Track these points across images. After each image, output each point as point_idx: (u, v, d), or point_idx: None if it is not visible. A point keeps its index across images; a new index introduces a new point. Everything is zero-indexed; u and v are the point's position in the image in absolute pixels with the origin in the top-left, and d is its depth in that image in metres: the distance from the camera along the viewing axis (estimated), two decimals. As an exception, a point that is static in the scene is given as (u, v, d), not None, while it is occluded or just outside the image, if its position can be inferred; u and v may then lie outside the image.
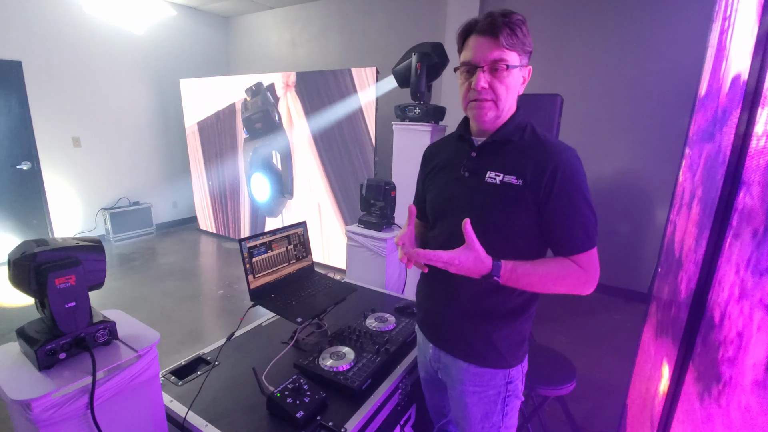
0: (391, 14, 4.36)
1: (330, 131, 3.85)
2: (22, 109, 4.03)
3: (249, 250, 1.40)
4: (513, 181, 0.92)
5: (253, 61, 5.75)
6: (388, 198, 1.96)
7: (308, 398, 1.03)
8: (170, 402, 1.08)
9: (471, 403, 1.05)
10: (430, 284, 1.10)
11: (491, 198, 0.94)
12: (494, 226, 0.93)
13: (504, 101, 0.92)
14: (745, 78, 0.73)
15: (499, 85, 0.90)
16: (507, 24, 0.86)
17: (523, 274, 0.88)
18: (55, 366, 0.79)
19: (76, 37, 4.33)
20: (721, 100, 1.05)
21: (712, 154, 1.02)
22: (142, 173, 5.18)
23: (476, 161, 0.99)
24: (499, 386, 1.03)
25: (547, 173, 0.89)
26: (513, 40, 0.87)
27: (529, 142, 0.95)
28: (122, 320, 0.93)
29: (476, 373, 1.03)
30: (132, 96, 4.94)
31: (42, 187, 4.26)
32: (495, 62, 0.88)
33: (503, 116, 0.96)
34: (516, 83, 0.92)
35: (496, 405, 1.04)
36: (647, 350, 1.53)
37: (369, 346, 1.28)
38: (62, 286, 0.78)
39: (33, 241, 0.80)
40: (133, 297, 3.50)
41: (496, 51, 0.88)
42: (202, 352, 1.32)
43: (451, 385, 1.09)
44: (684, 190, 1.51)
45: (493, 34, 0.87)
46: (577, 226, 0.90)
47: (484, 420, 1.05)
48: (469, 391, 1.04)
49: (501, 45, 0.87)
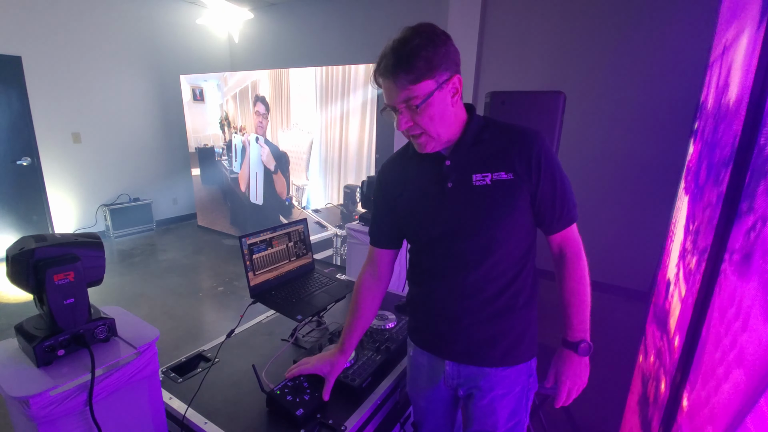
0: (392, 11, 4.34)
1: (333, 129, 3.84)
2: (21, 104, 4.02)
3: (249, 247, 1.39)
4: (504, 177, 0.91)
5: (254, 58, 5.73)
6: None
7: (308, 396, 1.03)
8: (170, 399, 1.07)
9: (500, 407, 1.02)
10: (432, 303, 1.04)
11: (487, 199, 0.91)
12: (498, 225, 0.92)
13: (434, 129, 0.89)
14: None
15: (422, 119, 0.87)
16: (399, 62, 0.82)
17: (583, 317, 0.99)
18: (54, 362, 0.78)
19: (76, 32, 4.31)
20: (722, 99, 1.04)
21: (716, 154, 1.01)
22: (142, 169, 5.17)
23: (454, 168, 0.94)
24: (523, 382, 1.03)
25: (533, 159, 0.90)
26: (414, 74, 0.82)
27: (500, 136, 0.94)
28: (121, 317, 0.93)
29: (505, 375, 1.01)
30: (132, 92, 4.93)
31: (42, 183, 4.25)
32: (406, 101, 0.85)
33: (448, 135, 0.92)
34: (441, 106, 0.88)
35: (521, 401, 1.05)
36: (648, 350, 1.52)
37: (369, 344, 1.28)
38: (61, 283, 0.77)
39: (31, 237, 0.79)
40: (133, 293, 3.50)
41: (403, 92, 0.84)
42: (202, 349, 1.31)
43: (479, 396, 1.03)
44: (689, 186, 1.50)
45: (392, 76, 0.84)
46: (567, 200, 0.95)
47: (510, 419, 1.04)
48: (499, 396, 1.02)
49: (402, 85, 0.84)
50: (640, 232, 3.42)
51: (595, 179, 3.49)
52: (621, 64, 3.28)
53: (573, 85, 3.39)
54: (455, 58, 0.87)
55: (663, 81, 3.13)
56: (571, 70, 3.48)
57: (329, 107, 3.80)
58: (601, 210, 3.54)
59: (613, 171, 3.47)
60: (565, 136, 2.51)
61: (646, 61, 3.17)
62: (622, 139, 3.39)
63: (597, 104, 3.43)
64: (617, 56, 3.28)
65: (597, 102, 3.43)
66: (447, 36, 0.87)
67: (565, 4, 3.41)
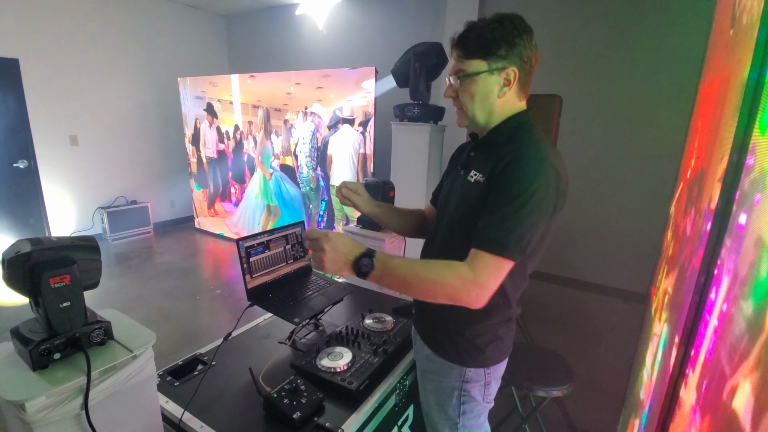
0: (391, 14, 4.36)
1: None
2: (19, 107, 4.01)
3: (246, 249, 1.39)
4: (479, 179, 0.94)
5: (252, 60, 5.74)
6: (387, 197, 1.95)
7: (305, 399, 1.02)
8: (166, 403, 1.07)
9: (429, 389, 1.11)
10: None
11: (468, 196, 0.97)
12: (468, 223, 0.93)
13: (470, 108, 0.95)
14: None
15: (462, 94, 0.95)
16: (461, 36, 0.91)
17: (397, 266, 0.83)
18: (50, 366, 0.78)
19: (73, 35, 4.31)
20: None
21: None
22: (139, 172, 5.16)
23: (470, 160, 1.03)
24: (453, 381, 1.04)
25: (498, 168, 0.88)
26: (468, 49, 0.90)
27: (509, 144, 0.93)
28: (118, 320, 0.92)
29: (434, 360, 1.07)
30: (130, 94, 4.92)
31: (39, 186, 4.24)
32: (456, 73, 0.94)
33: (484, 121, 0.97)
34: (484, 90, 0.92)
35: (451, 399, 1.05)
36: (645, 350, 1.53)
37: (367, 346, 1.28)
38: (57, 286, 0.77)
39: (27, 240, 0.79)
40: (130, 296, 3.48)
41: (456, 63, 0.93)
42: (199, 353, 1.31)
43: (418, 367, 1.16)
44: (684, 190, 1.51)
45: (454, 47, 0.93)
46: (491, 222, 0.83)
47: (440, 410, 1.09)
48: (428, 377, 1.10)
49: (458, 56, 0.92)
50: (637, 235, 3.43)
51: (591, 181, 3.50)
52: (617, 67, 3.30)
53: (569, 89, 3.40)
54: (524, 54, 0.90)
55: (659, 84, 3.16)
56: (568, 74, 3.50)
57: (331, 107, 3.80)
58: (597, 212, 3.56)
59: (609, 173, 3.49)
60: (562, 138, 2.53)
61: (643, 64, 3.20)
62: (618, 142, 3.41)
63: (593, 107, 3.45)
64: (614, 59, 3.31)
65: (593, 105, 3.44)
66: (526, 31, 0.90)
67: (562, 7, 3.44)
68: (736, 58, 0.95)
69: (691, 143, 1.67)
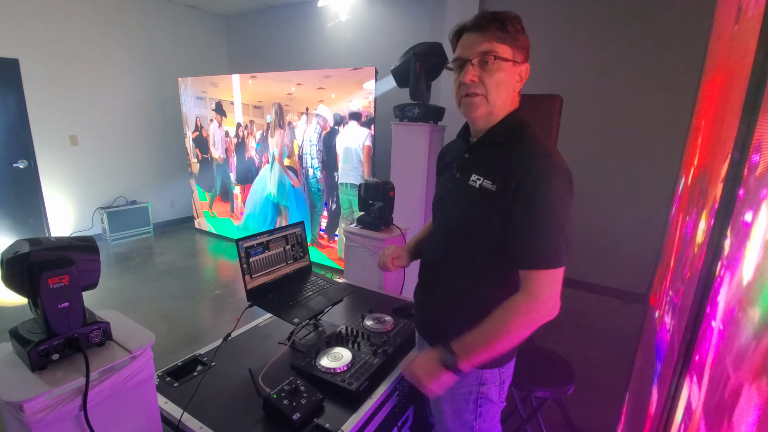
0: (391, 14, 4.35)
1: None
2: (18, 107, 4.01)
3: (246, 250, 1.38)
4: (489, 186, 0.90)
5: (252, 60, 5.74)
6: (387, 198, 1.95)
7: (305, 400, 1.02)
8: (165, 403, 1.07)
9: (443, 397, 1.05)
10: (422, 276, 1.13)
11: (470, 201, 0.94)
12: (469, 230, 0.93)
13: (495, 95, 0.90)
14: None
15: (489, 78, 0.88)
16: (496, 18, 0.87)
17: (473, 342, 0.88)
18: (48, 367, 0.78)
19: (73, 35, 4.31)
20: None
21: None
22: (139, 172, 5.16)
23: (467, 162, 0.99)
24: (470, 385, 1.02)
25: (516, 178, 0.85)
26: (502, 33, 0.86)
27: (514, 146, 0.91)
28: (117, 320, 0.92)
29: None
30: (130, 94, 4.92)
31: (38, 186, 4.24)
32: (484, 54, 0.87)
33: (496, 113, 0.93)
34: (509, 79, 0.90)
35: (467, 404, 1.04)
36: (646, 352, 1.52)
37: (366, 347, 1.27)
38: (55, 286, 0.77)
39: (26, 240, 0.79)
40: (130, 297, 3.48)
41: (485, 43, 0.87)
42: (198, 353, 1.30)
43: None
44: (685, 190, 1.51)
45: (481, 28, 0.88)
46: (534, 238, 0.84)
47: (456, 417, 1.06)
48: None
49: (489, 38, 0.87)
50: (638, 235, 3.43)
51: (591, 182, 3.50)
52: (618, 67, 3.30)
53: (570, 88, 3.40)
54: (528, 53, 0.92)
55: (660, 84, 3.15)
56: (568, 73, 3.49)
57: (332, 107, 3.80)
58: (598, 212, 3.55)
59: (609, 173, 3.48)
60: (562, 138, 2.52)
61: (643, 64, 3.19)
62: (618, 142, 3.40)
63: (594, 107, 3.44)
64: (614, 59, 3.30)
65: (594, 105, 3.44)
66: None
67: (562, 7, 3.44)
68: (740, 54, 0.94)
69: (693, 142, 1.66)
